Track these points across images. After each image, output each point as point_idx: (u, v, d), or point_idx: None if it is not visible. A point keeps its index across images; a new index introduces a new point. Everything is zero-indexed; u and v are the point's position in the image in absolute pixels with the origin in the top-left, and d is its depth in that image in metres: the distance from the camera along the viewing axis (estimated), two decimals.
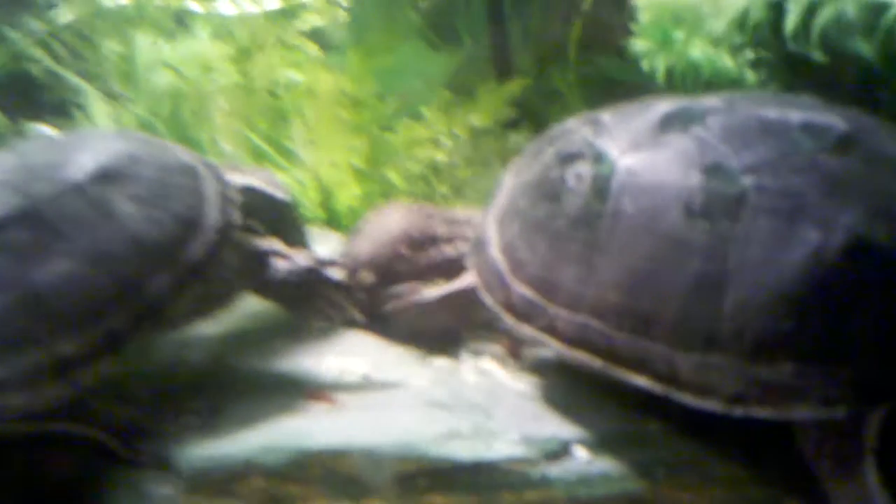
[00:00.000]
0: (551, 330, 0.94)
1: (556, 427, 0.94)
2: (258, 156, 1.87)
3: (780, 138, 0.89)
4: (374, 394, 1.05)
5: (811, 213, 0.83)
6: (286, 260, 1.14)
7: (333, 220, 1.79)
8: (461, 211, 1.26)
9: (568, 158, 1.00)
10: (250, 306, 1.19)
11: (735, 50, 1.32)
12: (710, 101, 0.97)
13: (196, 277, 1.02)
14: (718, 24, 1.27)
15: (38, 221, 0.96)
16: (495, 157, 1.97)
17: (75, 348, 0.92)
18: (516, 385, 1.03)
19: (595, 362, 0.91)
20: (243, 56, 1.94)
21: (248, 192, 1.19)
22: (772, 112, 0.92)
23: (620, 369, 0.89)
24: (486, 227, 1.07)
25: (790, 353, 0.82)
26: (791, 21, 0.99)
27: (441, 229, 1.21)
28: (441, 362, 1.12)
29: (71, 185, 1.00)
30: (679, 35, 1.29)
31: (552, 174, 1.01)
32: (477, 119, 1.88)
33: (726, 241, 0.85)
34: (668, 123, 0.95)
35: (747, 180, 0.87)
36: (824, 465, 0.84)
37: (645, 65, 1.33)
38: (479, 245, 1.07)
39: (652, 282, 0.88)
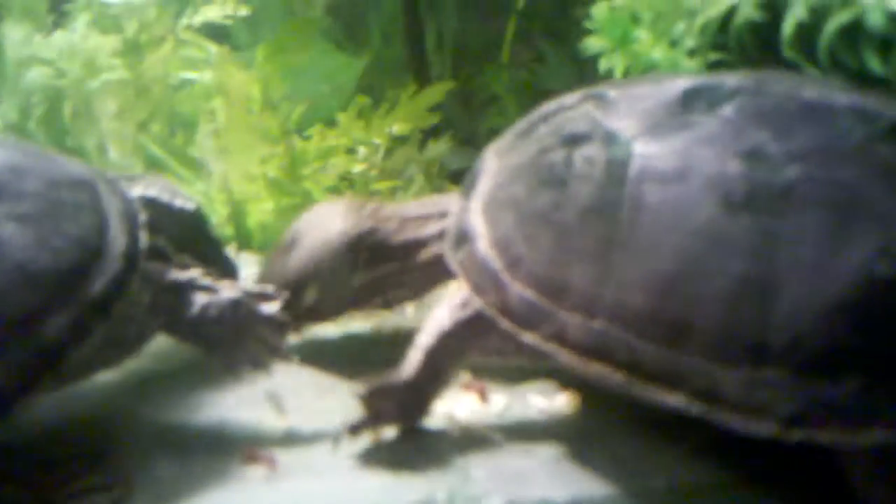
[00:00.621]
0: (560, 338, 0.81)
1: (546, 487, 0.80)
2: (154, 165, 1.65)
3: (825, 123, 0.78)
4: (320, 451, 0.88)
5: (869, 207, 0.73)
6: (207, 292, 0.94)
7: (243, 239, 1.60)
8: (429, 202, 1.08)
9: (572, 139, 0.86)
10: (156, 345, 0.98)
11: (693, 52, 1.25)
12: (735, 79, 0.85)
13: (100, 317, 0.82)
14: (679, 25, 1.18)
15: None
16: (414, 167, 1.84)
17: None
18: (492, 434, 0.89)
19: (615, 377, 0.78)
20: (132, 50, 1.72)
21: (150, 204, 1.00)
22: (811, 93, 0.81)
23: (648, 385, 0.76)
24: (470, 217, 0.91)
25: (856, 367, 0.71)
26: (790, 25, 0.90)
27: (397, 236, 1.03)
28: None
29: None
30: (638, 34, 1.19)
31: (553, 157, 0.86)
32: (397, 126, 1.74)
33: (773, 238, 0.74)
34: (691, 102, 0.82)
35: (793, 169, 0.76)
36: (879, 493, 0.74)
37: (602, 64, 1.23)
38: (463, 239, 0.91)
39: (686, 283, 0.76)
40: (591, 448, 0.85)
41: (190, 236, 1.04)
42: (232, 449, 0.88)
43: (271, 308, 0.95)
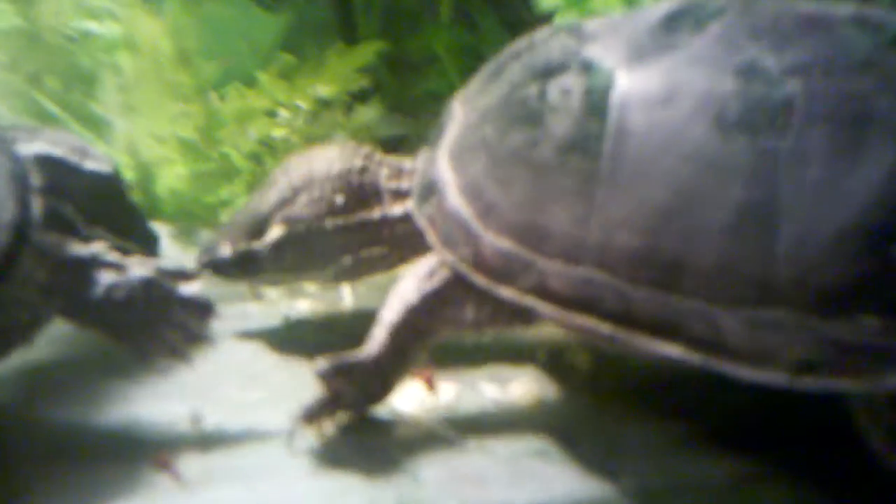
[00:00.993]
0: (541, 290, 0.73)
1: (505, 490, 0.72)
2: (49, 123, 1.48)
3: (826, 34, 0.71)
4: (247, 451, 0.78)
5: (881, 120, 0.66)
6: (114, 270, 0.80)
7: (153, 207, 1.45)
8: (408, 161, 0.95)
9: (546, 72, 0.78)
10: (52, 331, 0.84)
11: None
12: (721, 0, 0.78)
13: None
14: None
15: None
16: (341, 133, 1.72)
17: None
18: (443, 431, 0.80)
19: (603, 328, 0.70)
20: None
21: (53, 165, 0.85)
22: (807, 7, 0.74)
23: (640, 336, 0.69)
24: (437, 166, 0.82)
25: (874, 303, 0.64)
26: None
27: (390, 181, 0.91)
28: None
29: None
30: None
31: (526, 92, 0.78)
32: (323, 88, 1.61)
33: (774, 159, 0.67)
34: (675, 23, 0.75)
35: (794, 83, 0.68)
36: (880, 435, 0.69)
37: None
38: (430, 191, 0.82)
39: (678, 217, 0.68)
40: (554, 444, 0.77)
41: (103, 204, 0.90)
42: (143, 453, 0.77)
43: (191, 288, 0.83)
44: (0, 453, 0.75)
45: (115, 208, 0.92)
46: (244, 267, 0.95)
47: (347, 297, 1.11)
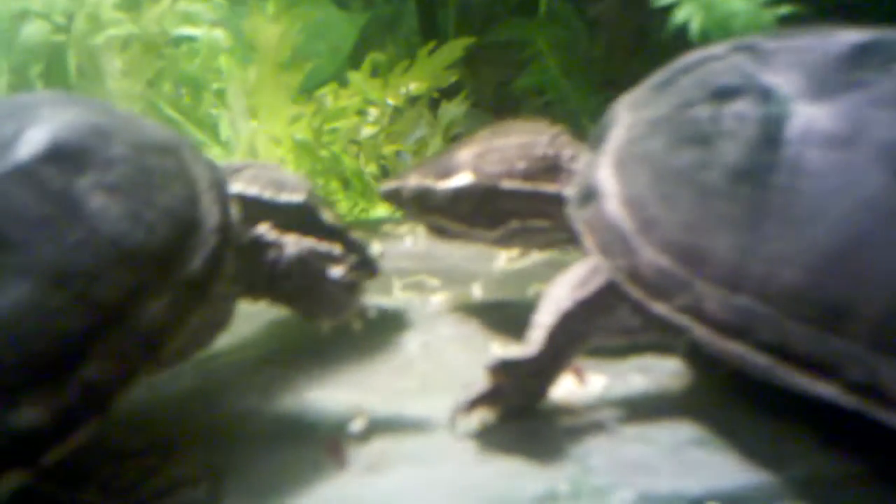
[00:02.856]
0: (697, 311, 0.74)
1: (675, 479, 0.74)
2: (167, 126, 1.54)
3: None
4: (411, 437, 0.81)
5: None
6: (274, 248, 0.87)
7: None
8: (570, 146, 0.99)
9: (720, 94, 0.78)
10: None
11: (769, 3, 1.18)
12: None
13: (199, 297, 0.73)
14: None
15: None
16: (426, 130, 1.75)
17: (37, 418, 0.62)
18: (603, 416, 0.82)
19: (758, 359, 0.71)
20: (132, 4, 1.60)
21: (247, 202, 0.93)
22: None
23: (796, 371, 0.70)
24: (599, 173, 0.84)
25: None
26: None
27: (571, 162, 0.95)
28: None
29: (14, 168, 0.69)
30: None
31: (698, 112, 0.79)
32: (415, 85, 1.64)
33: None
34: (863, 58, 0.75)
35: None
36: None
37: (678, 16, 1.16)
38: (590, 196, 0.83)
39: (850, 261, 0.68)
40: (714, 434, 0.79)
41: (301, 229, 0.95)
42: (319, 436, 0.81)
43: (338, 271, 0.89)
44: (186, 434, 0.80)
45: (312, 230, 0.97)
46: (423, 203, 1.02)
47: (477, 291, 1.14)
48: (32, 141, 0.71)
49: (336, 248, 0.91)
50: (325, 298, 0.88)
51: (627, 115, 0.86)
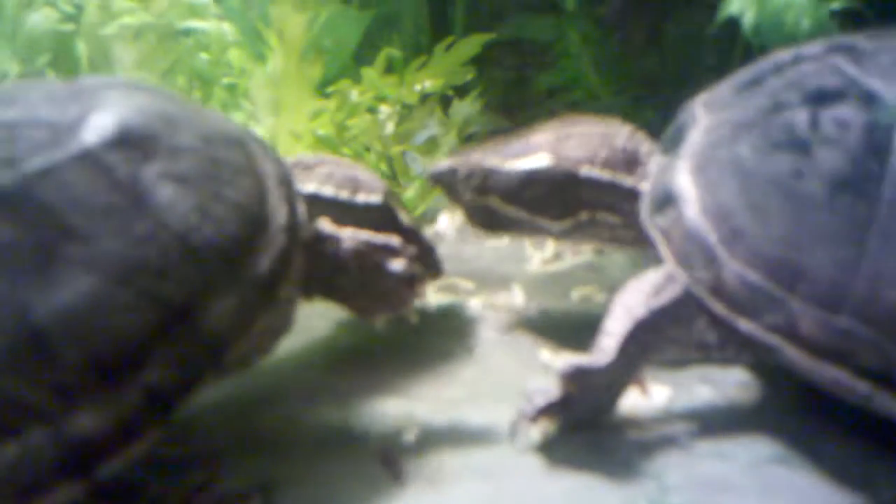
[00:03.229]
0: (789, 332, 0.69)
1: (760, 499, 0.69)
2: None
3: None
4: (468, 448, 0.76)
5: None
6: (331, 242, 0.82)
7: None
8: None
9: (818, 97, 0.74)
10: None
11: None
12: None
13: (267, 299, 0.68)
14: None
15: (30, 211, 0.60)
16: (436, 129, 1.70)
17: (94, 425, 0.57)
18: (673, 430, 0.77)
19: (858, 387, 0.67)
20: None
21: (322, 203, 0.89)
22: None
23: None
24: (677, 176, 0.78)
25: None
26: None
27: (648, 157, 0.90)
28: None
29: (77, 153, 0.63)
30: None
31: (794, 116, 0.74)
32: (430, 83, 1.59)
33: None
34: None
35: None
36: None
37: (733, 6, 1.12)
38: (666, 203, 0.78)
39: None
40: (794, 450, 0.74)
41: (377, 230, 0.90)
42: (371, 447, 0.76)
43: (398, 264, 0.83)
44: (230, 443, 0.75)
45: (389, 232, 0.91)
46: (484, 185, 0.94)
47: (516, 295, 1.09)
48: (98, 125, 0.66)
49: (394, 239, 0.85)
50: (382, 293, 0.83)
51: (707, 117, 0.81)
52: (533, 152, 0.93)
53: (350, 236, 0.82)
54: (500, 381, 0.88)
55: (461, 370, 0.91)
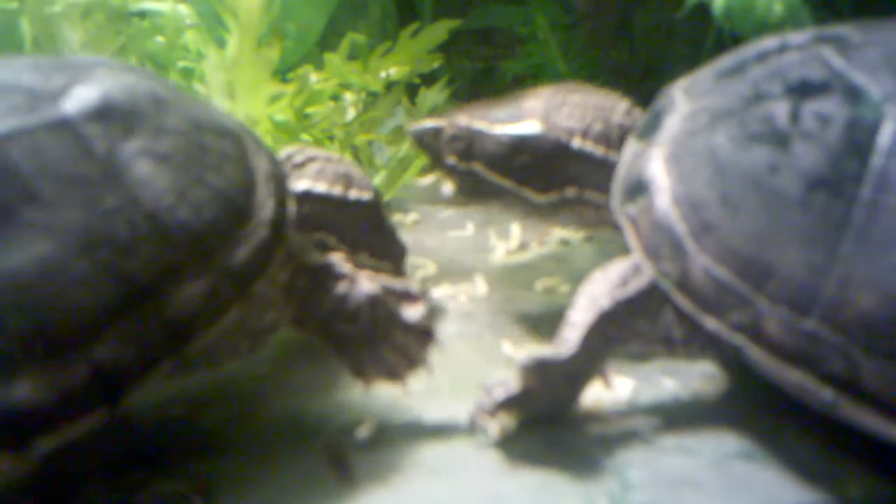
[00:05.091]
0: (754, 332, 0.66)
1: (724, 496, 0.66)
2: None
3: None
4: (425, 444, 0.72)
5: None
6: (345, 281, 0.76)
7: None
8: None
9: (801, 89, 0.70)
10: None
11: None
12: None
13: (238, 292, 0.65)
14: None
15: None
16: (405, 118, 1.66)
17: (34, 396, 0.55)
18: (636, 424, 0.74)
19: (822, 393, 0.64)
20: None
21: (314, 199, 0.86)
22: None
23: (865, 410, 0.63)
24: (650, 163, 0.75)
25: None
26: None
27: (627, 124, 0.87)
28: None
29: (52, 120, 0.62)
30: None
31: (773, 107, 0.70)
32: (395, 70, 1.55)
33: None
34: None
35: None
36: None
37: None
38: (637, 190, 0.75)
39: None
40: (760, 446, 0.72)
41: (364, 228, 0.90)
42: (320, 444, 0.72)
43: (415, 312, 0.76)
44: (173, 442, 0.70)
45: (373, 230, 0.91)
46: (469, 149, 0.90)
47: (480, 285, 1.06)
48: (81, 96, 0.65)
49: (413, 286, 0.79)
50: (389, 349, 0.76)
51: (686, 103, 0.77)
52: (523, 118, 0.88)
53: (368, 278, 0.77)
54: (460, 373, 0.84)
55: None
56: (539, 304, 1.00)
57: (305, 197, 0.85)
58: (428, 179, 1.53)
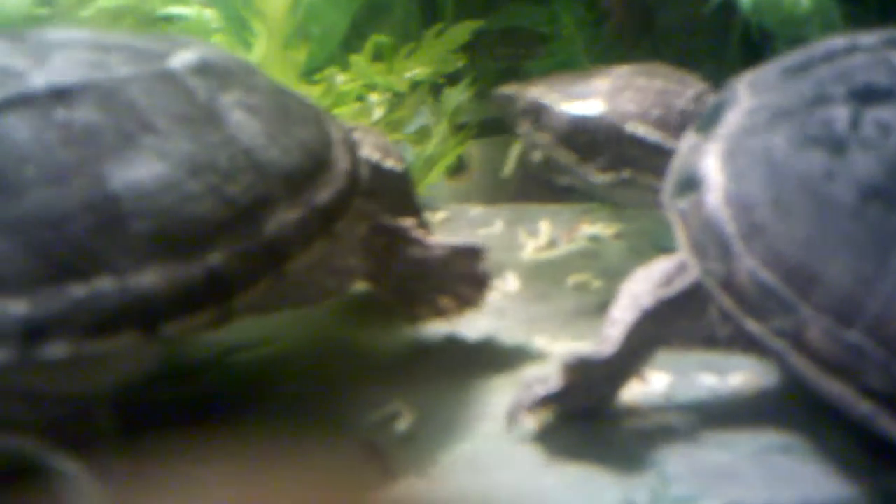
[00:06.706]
0: (796, 339, 0.65)
1: (765, 488, 0.66)
2: None
3: None
4: (470, 439, 0.73)
5: None
6: (418, 246, 0.87)
7: None
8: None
9: (864, 94, 0.69)
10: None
11: None
12: None
13: (325, 227, 0.75)
14: None
15: (117, 103, 0.68)
16: (429, 118, 1.66)
17: (159, 284, 0.63)
18: (673, 419, 0.74)
19: (861, 406, 0.63)
20: None
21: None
22: None
23: None
24: (705, 160, 0.74)
25: None
26: None
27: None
28: None
29: (162, 71, 0.73)
30: None
31: (834, 111, 0.69)
32: (419, 70, 1.56)
33: None
34: None
35: None
36: None
37: None
38: (689, 185, 0.74)
39: None
40: (799, 439, 0.71)
41: (394, 197, 0.96)
42: (358, 438, 0.73)
43: (478, 267, 0.88)
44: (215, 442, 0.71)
45: (402, 200, 0.98)
46: (537, 120, 0.94)
47: (512, 281, 1.06)
48: (183, 56, 0.76)
49: (478, 244, 0.89)
50: (449, 296, 0.88)
51: (749, 98, 0.76)
52: (588, 97, 0.91)
53: (439, 244, 0.88)
54: (495, 369, 0.85)
55: (455, 358, 0.88)
56: (571, 299, 1.00)
57: None
58: (454, 184, 1.54)
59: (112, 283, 0.61)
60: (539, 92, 0.94)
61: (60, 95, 0.66)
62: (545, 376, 0.73)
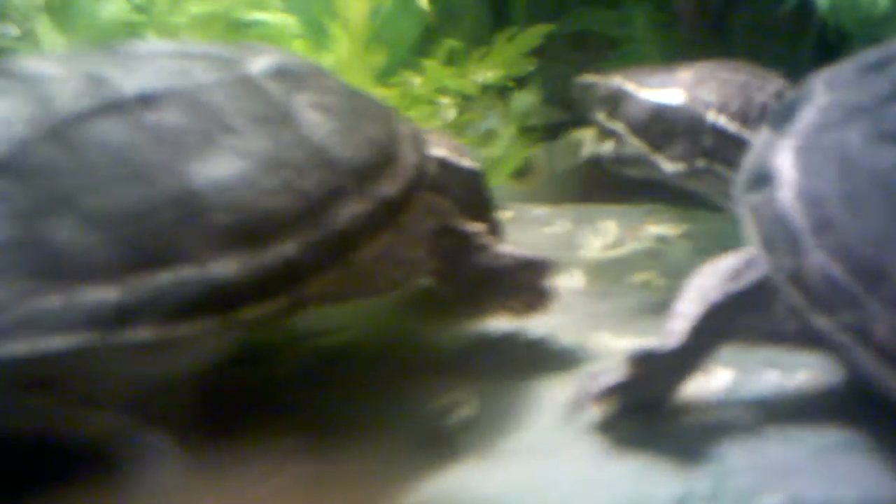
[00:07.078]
0: (863, 333, 0.66)
1: (827, 484, 0.67)
2: None
3: None
4: (518, 428, 0.75)
5: None
6: (485, 252, 0.89)
7: None
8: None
9: None
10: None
11: None
12: None
13: (391, 219, 0.80)
14: None
15: (200, 107, 0.74)
16: (496, 121, 1.68)
17: (237, 272, 0.68)
18: (736, 414, 0.75)
19: None
20: None
21: (439, 164, 0.95)
22: None
23: None
24: (779, 155, 0.74)
25: None
26: None
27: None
28: None
29: (240, 76, 0.79)
30: None
31: None
32: (490, 74, 1.57)
33: None
34: None
35: None
36: None
37: None
38: (762, 180, 0.75)
39: None
40: (864, 437, 0.71)
41: (470, 196, 0.98)
42: (419, 424, 0.76)
43: (544, 279, 0.90)
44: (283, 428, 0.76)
45: (477, 199, 1.01)
46: (616, 108, 0.96)
47: (577, 279, 1.08)
48: (260, 62, 0.82)
49: (546, 257, 0.91)
50: (514, 301, 0.90)
51: (825, 95, 0.76)
52: (670, 86, 0.92)
53: (507, 254, 0.90)
54: (560, 361, 0.87)
55: (519, 350, 0.90)
56: (635, 297, 1.01)
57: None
58: (520, 186, 1.56)
59: (194, 271, 0.66)
60: (620, 80, 0.96)
61: (148, 101, 0.72)
62: (609, 368, 0.74)
